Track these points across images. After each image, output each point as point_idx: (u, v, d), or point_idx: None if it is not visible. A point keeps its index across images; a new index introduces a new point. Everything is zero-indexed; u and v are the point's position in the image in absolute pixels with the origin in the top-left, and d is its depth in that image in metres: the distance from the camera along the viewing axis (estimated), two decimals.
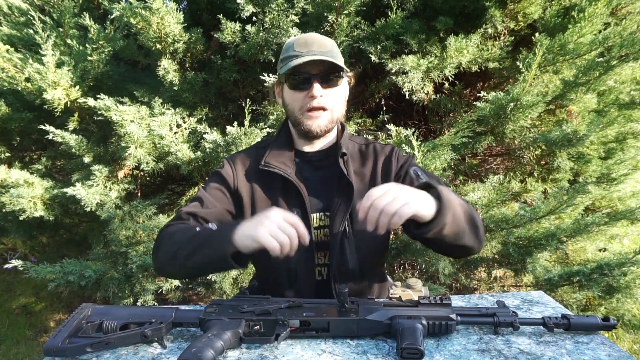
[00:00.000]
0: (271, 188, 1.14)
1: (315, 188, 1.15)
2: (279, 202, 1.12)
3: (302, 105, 1.09)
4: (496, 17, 2.17)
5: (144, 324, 0.81)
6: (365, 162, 1.18)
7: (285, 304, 0.84)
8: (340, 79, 1.11)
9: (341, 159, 1.12)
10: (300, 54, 1.06)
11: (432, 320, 0.80)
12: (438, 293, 2.08)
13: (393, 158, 1.17)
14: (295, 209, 1.10)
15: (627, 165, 2.58)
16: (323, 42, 1.10)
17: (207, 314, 0.82)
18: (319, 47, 1.07)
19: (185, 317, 0.84)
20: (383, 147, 1.21)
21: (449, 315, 0.81)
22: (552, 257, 2.49)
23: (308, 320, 0.81)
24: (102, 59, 2.13)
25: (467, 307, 0.86)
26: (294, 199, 1.11)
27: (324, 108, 1.09)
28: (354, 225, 1.10)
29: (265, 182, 1.15)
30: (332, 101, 1.10)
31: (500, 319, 0.81)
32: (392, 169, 1.15)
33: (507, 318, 0.81)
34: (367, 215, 0.84)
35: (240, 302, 0.86)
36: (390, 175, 1.15)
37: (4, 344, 2.71)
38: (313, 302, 0.86)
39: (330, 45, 1.11)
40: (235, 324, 0.80)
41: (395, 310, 0.82)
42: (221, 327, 0.79)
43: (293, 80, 1.09)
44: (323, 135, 1.14)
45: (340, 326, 0.81)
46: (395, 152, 1.19)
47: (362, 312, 0.82)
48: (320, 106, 1.08)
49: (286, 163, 1.13)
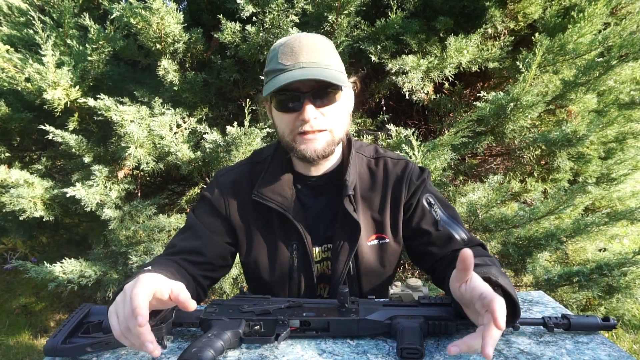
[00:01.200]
0: (267, 220, 1.02)
1: (318, 215, 1.04)
2: (276, 237, 1.02)
3: (293, 128, 0.92)
4: (496, 17, 2.17)
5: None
6: (374, 185, 1.05)
7: (286, 304, 0.84)
8: (338, 92, 0.92)
9: (346, 197, 0.98)
10: (285, 68, 0.87)
11: (432, 320, 0.80)
12: (438, 293, 2.08)
13: (404, 183, 1.03)
14: (294, 242, 1.01)
15: (627, 165, 2.58)
16: (313, 49, 0.89)
17: (207, 314, 0.82)
18: (307, 57, 0.88)
19: (185, 317, 0.84)
20: (395, 164, 1.06)
21: (449, 315, 0.81)
22: (552, 257, 2.49)
23: (308, 320, 0.81)
24: (102, 59, 2.13)
25: None
26: (292, 233, 1.01)
27: (320, 130, 0.92)
28: (359, 264, 1.03)
29: (261, 211, 1.02)
30: (331, 121, 0.92)
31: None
32: (402, 196, 1.03)
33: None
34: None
35: (240, 302, 0.86)
36: (400, 203, 1.04)
37: (4, 344, 2.71)
38: (313, 302, 0.86)
39: (324, 51, 0.91)
40: (235, 324, 0.80)
41: (395, 310, 0.82)
42: (221, 327, 0.79)
43: (279, 100, 0.91)
44: (322, 159, 0.96)
45: (340, 326, 0.81)
46: (407, 175, 1.04)
47: (362, 312, 0.82)
48: (314, 129, 0.91)
49: (282, 193, 1.00)
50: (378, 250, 1.05)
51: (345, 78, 0.94)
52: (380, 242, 1.05)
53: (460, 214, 2.01)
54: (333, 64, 0.92)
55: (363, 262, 1.03)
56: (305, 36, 0.93)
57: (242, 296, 0.89)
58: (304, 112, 0.88)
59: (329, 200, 1.04)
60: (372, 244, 1.05)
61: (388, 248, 1.06)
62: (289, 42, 0.91)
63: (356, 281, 1.04)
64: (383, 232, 1.05)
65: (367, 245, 1.04)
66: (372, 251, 1.05)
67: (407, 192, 1.04)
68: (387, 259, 1.06)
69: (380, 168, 1.06)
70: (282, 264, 1.03)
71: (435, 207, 1.04)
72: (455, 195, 2.16)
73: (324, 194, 1.05)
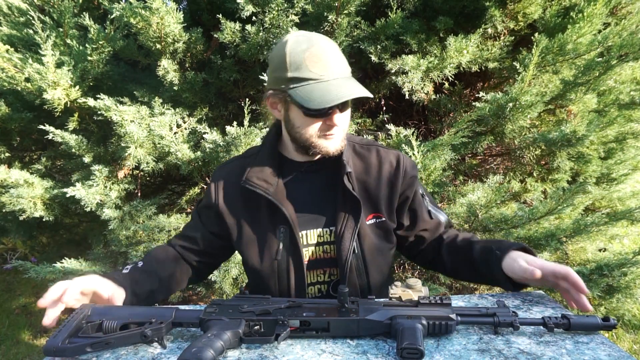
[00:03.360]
0: (256, 206, 1.08)
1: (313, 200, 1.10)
2: (263, 221, 1.07)
3: (319, 132, 1.00)
4: (496, 17, 2.17)
5: (144, 324, 0.81)
6: (368, 169, 1.11)
7: (285, 304, 0.84)
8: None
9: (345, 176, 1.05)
10: (320, 79, 0.94)
11: (432, 320, 0.80)
12: (438, 293, 2.08)
13: (400, 171, 1.11)
14: (281, 227, 1.05)
15: (627, 165, 2.58)
16: (337, 57, 0.98)
17: (207, 314, 0.83)
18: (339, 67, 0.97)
19: (185, 317, 0.84)
20: (387, 152, 1.13)
21: (449, 315, 0.81)
22: (552, 257, 2.49)
23: (308, 320, 0.81)
24: (102, 59, 2.13)
25: (467, 307, 0.86)
26: (279, 217, 1.05)
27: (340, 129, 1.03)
28: (362, 243, 1.07)
29: (250, 198, 1.08)
30: (346, 121, 1.04)
31: (500, 319, 0.81)
32: (398, 184, 1.10)
33: (507, 318, 0.81)
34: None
35: (240, 302, 0.86)
36: (396, 189, 1.10)
37: (4, 344, 2.71)
38: (313, 302, 0.86)
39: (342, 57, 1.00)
40: (235, 324, 0.80)
41: (395, 310, 0.82)
42: (221, 327, 0.79)
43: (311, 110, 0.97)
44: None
45: (340, 326, 0.81)
46: (402, 164, 1.12)
47: (362, 312, 0.82)
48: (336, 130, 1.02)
49: (268, 179, 1.06)
50: (377, 228, 1.11)
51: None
52: (377, 221, 1.11)
53: (460, 214, 2.01)
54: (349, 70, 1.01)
55: (366, 240, 1.07)
56: (322, 40, 0.99)
57: (242, 296, 0.89)
58: (333, 119, 0.98)
59: (326, 183, 1.10)
60: (371, 222, 1.10)
61: (385, 226, 1.12)
62: (314, 50, 0.95)
63: (361, 260, 1.07)
64: (379, 212, 1.11)
65: (366, 224, 1.09)
66: (371, 230, 1.10)
67: (403, 181, 1.11)
68: (386, 237, 1.12)
69: (373, 154, 1.13)
70: (270, 247, 1.06)
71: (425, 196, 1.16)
72: (455, 195, 2.16)
73: (317, 179, 1.11)
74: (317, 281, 1.10)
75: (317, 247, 1.09)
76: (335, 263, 1.08)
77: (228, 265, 2.04)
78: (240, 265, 2.07)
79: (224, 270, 2.05)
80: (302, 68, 0.95)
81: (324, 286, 1.11)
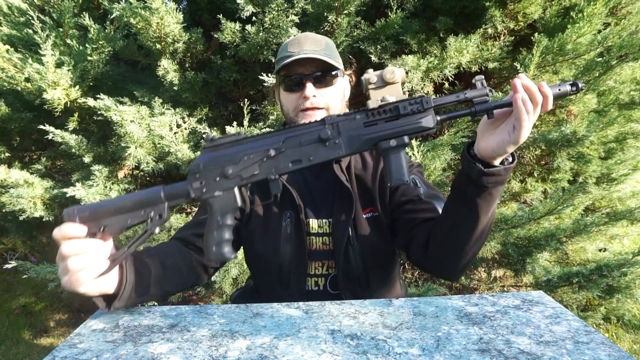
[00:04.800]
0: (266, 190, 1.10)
1: (317, 194, 1.13)
2: (273, 206, 1.10)
3: (296, 106, 1.07)
4: (496, 17, 2.18)
5: (143, 222, 0.83)
6: (365, 164, 1.15)
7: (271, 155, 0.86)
8: (335, 79, 1.09)
9: (336, 164, 1.09)
10: (292, 54, 1.05)
11: (414, 134, 0.83)
12: (438, 292, 2.08)
13: None
14: (288, 211, 1.08)
15: (627, 165, 2.58)
16: (316, 40, 1.08)
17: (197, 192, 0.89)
18: (311, 46, 1.06)
19: (175, 194, 0.88)
20: None
21: (429, 125, 0.83)
22: (552, 257, 2.49)
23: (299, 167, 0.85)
24: (102, 59, 2.13)
25: (444, 97, 0.87)
26: (287, 202, 1.09)
27: (319, 107, 1.07)
28: (358, 232, 1.08)
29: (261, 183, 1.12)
30: (328, 101, 1.08)
31: (477, 107, 0.84)
32: None
33: (483, 106, 0.84)
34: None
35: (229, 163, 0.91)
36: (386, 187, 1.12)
37: (4, 344, 2.71)
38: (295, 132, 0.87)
39: (324, 43, 1.09)
40: (230, 197, 0.87)
41: (377, 132, 0.82)
42: (219, 208, 0.89)
43: (286, 82, 1.09)
44: None
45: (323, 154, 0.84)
46: None
47: (346, 145, 0.83)
48: (314, 106, 1.06)
49: None
50: (373, 222, 1.12)
51: (341, 66, 1.11)
52: (373, 215, 1.12)
53: None
54: (333, 55, 1.09)
55: (361, 233, 1.09)
56: (311, 33, 1.14)
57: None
58: (305, 90, 1.05)
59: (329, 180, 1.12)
60: (367, 216, 1.12)
61: (380, 221, 1.12)
62: (297, 36, 1.12)
63: (358, 253, 1.08)
64: (374, 206, 1.13)
65: (363, 218, 1.11)
66: (367, 224, 1.11)
67: None
68: (381, 232, 1.12)
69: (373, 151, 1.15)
70: (274, 230, 1.08)
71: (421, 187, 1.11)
72: None
73: (323, 174, 1.14)
74: (315, 274, 1.11)
75: (317, 237, 1.10)
76: (333, 256, 1.09)
77: (228, 265, 2.05)
78: (240, 265, 2.07)
79: (224, 270, 2.06)
80: (283, 51, 1.09)
81: (322, 279, 1.11)
